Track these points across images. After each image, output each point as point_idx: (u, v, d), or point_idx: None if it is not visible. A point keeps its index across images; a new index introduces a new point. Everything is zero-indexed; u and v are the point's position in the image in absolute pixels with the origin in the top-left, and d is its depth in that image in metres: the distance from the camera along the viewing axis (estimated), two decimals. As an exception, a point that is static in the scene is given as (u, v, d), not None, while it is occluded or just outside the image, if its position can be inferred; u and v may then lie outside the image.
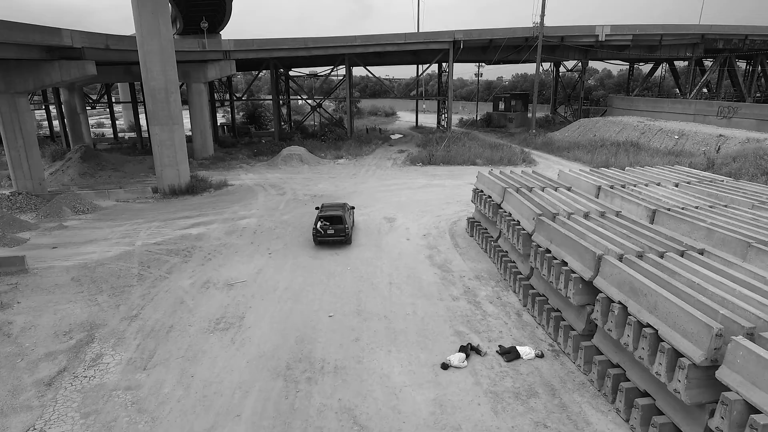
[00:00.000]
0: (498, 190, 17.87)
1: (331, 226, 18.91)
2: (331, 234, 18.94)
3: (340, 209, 19.72)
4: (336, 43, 46.66)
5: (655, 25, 50.35)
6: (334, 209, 19.74)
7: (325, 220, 19.11)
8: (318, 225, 18.95)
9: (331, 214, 19.24)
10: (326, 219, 19.15)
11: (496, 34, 48.37)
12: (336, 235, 18.96)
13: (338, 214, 19.19)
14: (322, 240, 19.18)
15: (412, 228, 21.72)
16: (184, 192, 29.95)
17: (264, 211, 24.96)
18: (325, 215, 19.24)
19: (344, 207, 20.27)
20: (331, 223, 19.00)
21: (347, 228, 19.04)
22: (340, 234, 18.92)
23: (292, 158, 39.30)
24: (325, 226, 18.89)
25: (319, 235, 19.04)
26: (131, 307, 14.27)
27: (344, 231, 18.91)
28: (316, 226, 18.97)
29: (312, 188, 30.27)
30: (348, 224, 19.27)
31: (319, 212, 19.68)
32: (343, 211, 19.63)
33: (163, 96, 28.41)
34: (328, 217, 19.20)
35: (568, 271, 11.45)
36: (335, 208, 19.83)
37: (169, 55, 28.16)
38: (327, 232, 18.91)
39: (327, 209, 19.86)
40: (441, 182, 31.70)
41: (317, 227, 18.94)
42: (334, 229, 18.89)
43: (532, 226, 14.21)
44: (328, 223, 19.01)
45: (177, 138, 29.44)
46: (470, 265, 17.44)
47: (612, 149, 39.13)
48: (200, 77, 41.73)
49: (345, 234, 18.95)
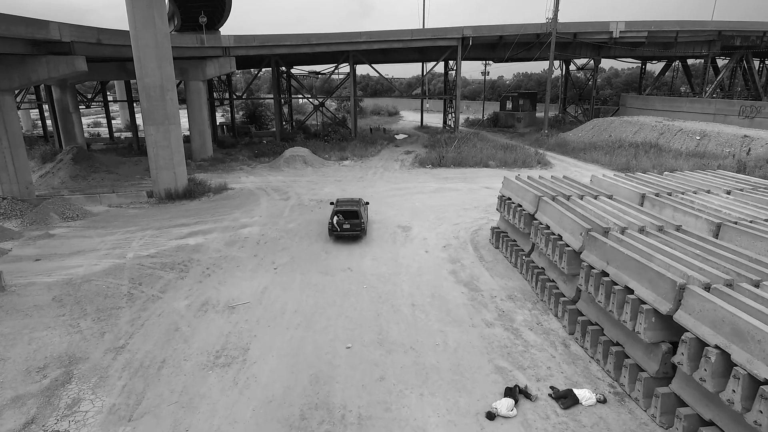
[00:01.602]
0: (530, 199, 16.02)
1: (347, 221, 19.00)
2: (347, 228, 19.00)
3: (356, 204, 19.78)
4: (340, 39, 44.77)
5: (670, 21, 48.52)
6: (349, 204, 19.83)
7: (340, 215, 19.03)
8: (334, 220, 19.01)
9: (347, 209, 19.30)
10: (342, 214, 19.12)
11: (507, 31, 46.51)
12: (352, 230, 19.01)
13: (354, 209, 19.25)
14: (339, 235, 19.21)
15: (430, 238, 19.87)
16: (181, 196, 28.07)
17: (267, 219, 23.09)
18: (341, 210, 19.28)
19: (359, 202, 20.25)
20: (346, 218, 19.05)
21: (363, 223, 19.16)
22: (356, 228, 19.00)
23: (295, 160, 37.43)
24: (341, 221, 18.94)
25: (335, 230, 19.08)
26: (118, 336, 12.40)
27: (360, 225, 19.01)
28: (332, 221, 19.03)
29: (318, 192, 28.40)
30: (363, 219, 19.38)
31: (335, 207, 19.62)
32: (359, 206, 19.64)
33: (158, 93, 26.51)
34: (343, 212, 19.21)
35: (636, 301, 9.61)
36: (350, 204, 19.90)
37: (165, 49, 26.26)
38: (343, 227, 18.97)
39: (342, 204, 19.94)
40: (454, 186, 29.85)
41: (333, 222, 19.00)
42: (350, 223, 18.98)
43: (579, 243, 12.36)
44: (344, 218, 19.01)
45: (173, 139, 27.55)
46: (500, 283, 15.59)
47: (630, 150, 37.31)
48: (198, 75, 39.86)
49: (361, 228, 19.06)
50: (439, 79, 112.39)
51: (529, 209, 15.91)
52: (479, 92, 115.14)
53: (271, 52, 44.25)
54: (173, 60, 26.30)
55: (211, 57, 40.07)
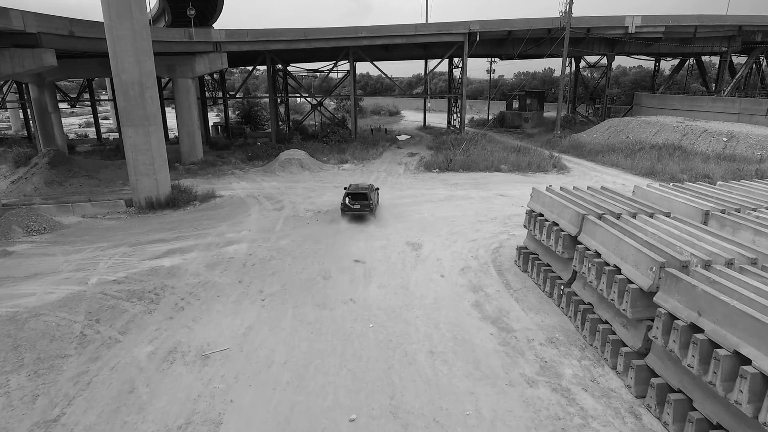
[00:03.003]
0: (571, 217, 13.27)
1: (357, 202, 21.31)
2: (357, 208, 21.28)
3: (366, 189, 21.90)
4: (339, 34, 41.99)
5: (689, 16, 45.83)
6: (360, 188, 22.08)
7: (351, 197, 21.52)
8: (346, 200, 21.47)
9: (357, 192, 21.69)
10: (352, 196, 21.55)
11: (516, 25, 43.78)
12: (361, 210, 21.30)
13: (363, 192, 21.60)
14: (350, 213, 21.60)
15: (444, 258, 17.11)
16: (163, 206, 25.28)
17: (257, 233, 20.31)
18: (352, 193, 21.72)
19: (370, 187, 22.53)
20: (356, 200, 21.38)
21: (371, 203, 21.40)
22: (365, 208, 21.28)
23: (291, 163, 34.64)
24: (353, 202, 21.35)
25: (347, 209, 21.44)
26: (54, 401, 9.62)
27: (369, 206, 21.26)
28: (344, 201, 21.51)
29: (315, 201, 25.62)
30: (372, 200, 21.63)
31: (347, 191, 22.04)
32: (369, 190, 21.86)
33: (137, 91, 23.73)
34: (353, 194, 21.63)
35: (757, 376, 6.88)
36: (361, 188, 22.14)
37: (144, 42, 23.47)
38: (353, 207, 21.28)
39: (353, 188, 22.26)
40: (465, 193, 27.10)
41: (345, 202, 21.47)
42: (359, 204, 21.26)
43: (648, 280, 9.62)
44: (354, 200, 21.39)
45: (154, 142, 24.77)
46: (535, 319, 12.85)
47: (653, 153, 34.60)
48: (187, 72, 37.07)
49: (369, 208, 21.28)
50: (440, 78, 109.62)
51: (568, 229, 13.16)
52: (481, 91, 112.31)
53: (265, 48, 41.47)
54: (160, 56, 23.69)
55: (200, 53, 37.27)
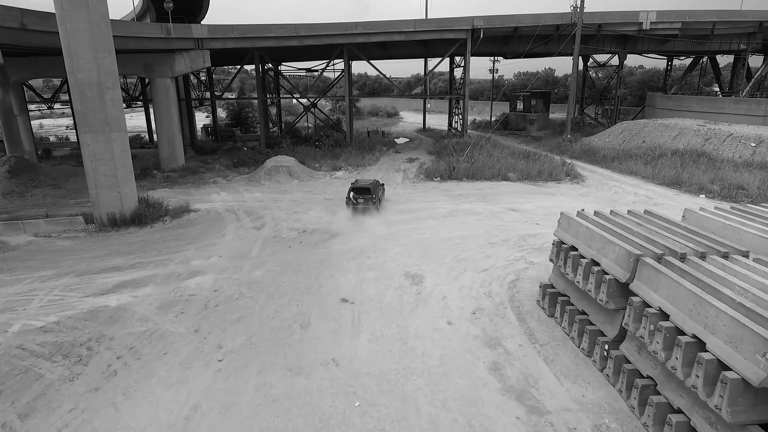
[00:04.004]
0: (618, 257, 10.19)
1: (361, 196, 22.12)
2: (361, 201, 22.13)
3: (371, 185, 22.66)
4: (333, 30, 38.94)
5: (707, 12, 42.88)
6: (364, 183, 22.96)
7: (356, 192, 22.34)
8: (351, 195, 22.32)
9: (361, 186, 22.49)
10: (356, 191, 22.37)
11: (523, 21, 40.75)
12: (365, 203, 22.17)
13: (367, 187, 22.37)
14: (354, 206, 22.23)
15: (451, 296, 14.05)
16: (128, 222, 22.21)
17: (228, 260, 17.23)
18: (357, 187, 22.48)
19: (375, 183, 23.47)
20: (360, 194, 22.19)
21: (374, 197, 22.21)
22: (368, 202, 22.15)
23: (279, 171, 31.57)
24: (357, 196, 22.14)
25: (352, 203, 22.23)
26: None
27: (371, 200, 22.13)
28: (349, 196, 22.37)
29: (301, 218, 22.53)
30: (376, 195, 22.55)
31: (352, 186, 22.78)
32: (373, 186, 22.68)
33: (95, 93, 20.65)
34: (357, 189, 22.43)
35: None
36: (366, 183, 23.01)
37: (102, 35, 20.39)
38: (358, 201, 22.10)
39: (358, 183, 23.07)
40: (471, 207, 24.05)
41: (350, 197, 22.33)
42: (363, 198, 22.09)
43: (760, 371, 6.58)
44: (359, 194, 22.21)
45: (117, 150, 21.70)
46: (573, 392, 9.79)
47: (674, 160, 31.59)
48: (166, 71, 33.97)
49: (372, 202, 22.16)
50: (440, 78, 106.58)
51: (615, 273, 10.09)
52: (482, 91, 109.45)
53: (252, 45, 38.37)
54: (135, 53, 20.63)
55: (180, 50, 34.20)
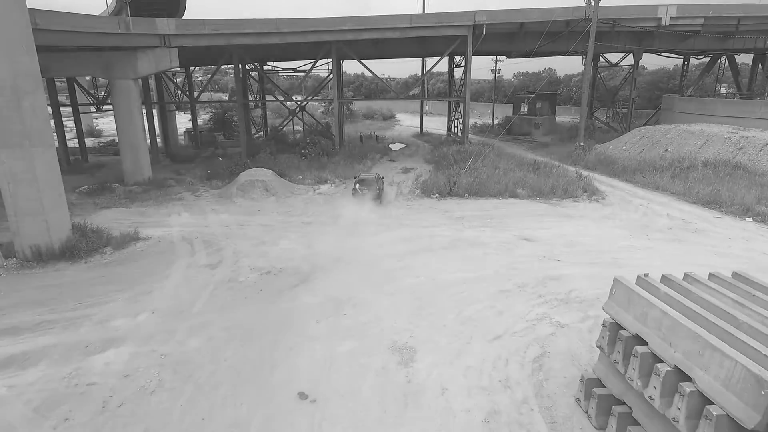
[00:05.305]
0: (731, 377, 6.13)
1: (366, 187, 24.80)
2: (366, 191, 24.65)
3: (372, 176, 25.84)
4: (319, 26, 34.84)
5: (733, 5, 38.89)
6: (368, 176, 25.86)
7: (361, 183, 25.11)
8: (357, 186, 25.03)
9: (364, 178, 25.50)
10: (361, 183, 25.14)
11: (531, 16, 36.72)
12: (370, 191, 24.65)
13: (371, 179, 25.41)
14: (361, 196, 24.58)
15: (453, 386, 9.97)
16: (57, 256, 18.10)
17: (161, 318, 13.13)
18: (361, 179, 25.43)
19: (376, 176, 26.12)
20: (365, 186, 24.90)
21: (378, 189, 24.99)
22: (372, 190, 24.71)
23: (254, 186, 27.46)
24: (362, 187, 24.86)
25: (358, 193, 24.65)
26: None
27: (375, 189, 24.77)
28: (355, 187, 25.01)
29: (269, 250, 18.43)
30: (379, 187, 25.25)
31: (357, 178, 25.78)
32: (376, 179, 25.55)
33: (8, 99, 16.59)
34: (362, 180, 25.31)
35: None
36: (369, 176, 25.81)
37: (17, 27, 16.33)
38: (363, 191, 24.67)
39: (362, 176, 25.95)
40: (476, 235, 19.99)
41: (356, 188, 24.97)
42: (368, 188, 24.74)
43: None
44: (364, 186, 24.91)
45: (41, 168, 17.61)
46: None
47: (707, 172, 27.62)
48: (128, 71, 29.87)
49: (376, 192, 24.78)
50: (439, 78, 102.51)
51: (729, 407, 6.05)
52: (482, 93, 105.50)
53: (229, 42, 34.27)
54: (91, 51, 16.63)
55: (143, 48, 30.11)
